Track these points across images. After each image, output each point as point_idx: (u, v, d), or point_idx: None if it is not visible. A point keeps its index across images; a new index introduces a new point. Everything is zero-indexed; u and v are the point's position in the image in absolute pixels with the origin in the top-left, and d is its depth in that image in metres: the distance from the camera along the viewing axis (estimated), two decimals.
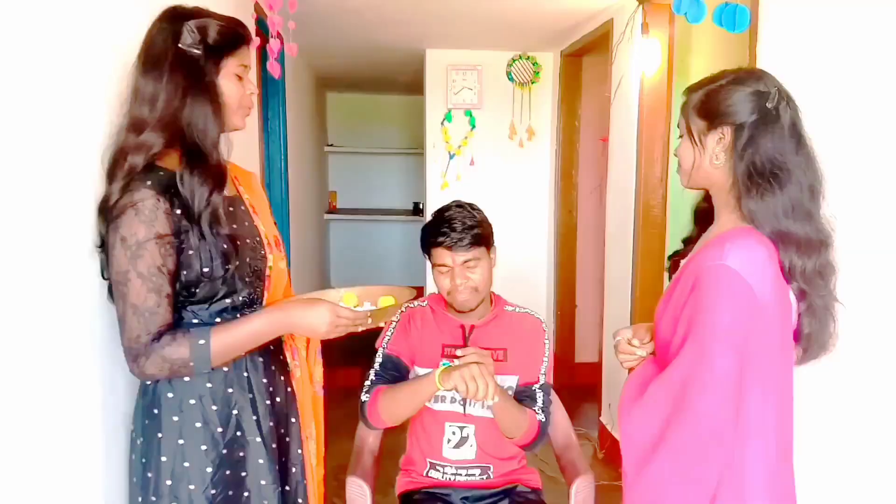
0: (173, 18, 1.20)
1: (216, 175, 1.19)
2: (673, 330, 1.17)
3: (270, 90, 3.54)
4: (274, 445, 1.29)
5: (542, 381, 1.73)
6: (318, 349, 1.47)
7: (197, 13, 1.21)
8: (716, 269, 1.09)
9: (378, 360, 1.73)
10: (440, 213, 1.67)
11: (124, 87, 1.22)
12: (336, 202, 6.10)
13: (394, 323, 1.76)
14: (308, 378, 1.44)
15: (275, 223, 1.41)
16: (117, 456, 1.30)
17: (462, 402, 1.71)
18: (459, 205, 1.68)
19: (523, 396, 1.70)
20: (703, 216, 1.35)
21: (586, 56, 3.89)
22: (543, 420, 1.69)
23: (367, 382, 1.70)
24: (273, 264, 1.32)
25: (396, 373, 1.71)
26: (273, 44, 2.21)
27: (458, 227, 1.60)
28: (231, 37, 1.22)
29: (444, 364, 1.50)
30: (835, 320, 1.19)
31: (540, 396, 1.71)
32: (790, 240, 1.12)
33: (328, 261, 6.12)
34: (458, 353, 1.51)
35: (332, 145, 5.96)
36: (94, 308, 1.22)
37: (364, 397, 1.67)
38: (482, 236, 1.63)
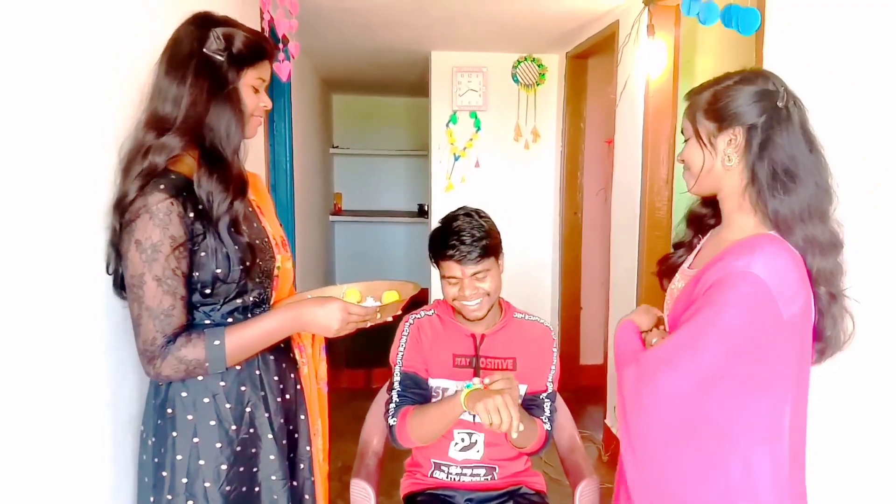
0: (202, 23, 1.22)
1: (238, 183, 1.21)
2: None
3: (276, 92, 3.55)
4: (284, 442, 1.31)
5: (549, 390, 1.73)
6: (322, 346, 1.49)
7: (226, 22, 1.24)
8: (742, 275, 1.07)
9: (396, 378, 1.68)
10: (448, 224, 1.62)
11: (145, 84, 1.24)
12: (341, 204, 6.11)
13: (404, 337, 1.72)
14: (314, 375, 1.45)
15: (280, 224, 1.43)
16: (125, 455, 1.31)
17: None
18: (467, 213, 1.63)
19: (531, 405, 1.70)
20: (698, 220, 1.34)
21: (592, 58, 3.89)
22: (549, 429, 1.69)
23: (392, 405, 1.65)
24: (281, 264, 1.34)
25: (417, 388, 1.67)
26: (292, 47, 2.23)
27: (468, 240, 1.56)
28: (254, 50, 1.25)
29: (468, 386, 1.47)
30: (852, 319, 1.18)
31: (547, 405, 1.71)
32: (815, 243, 1.12)
33: (333, 262, 6.13)
34: (486, 380, 1.46)
35: (337, 147, 5.97)
36: (101, 309, 1.22)
37: (392, 421, 1.62)
38: (491, 247, 1.60)
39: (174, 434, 1.21)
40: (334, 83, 5.49)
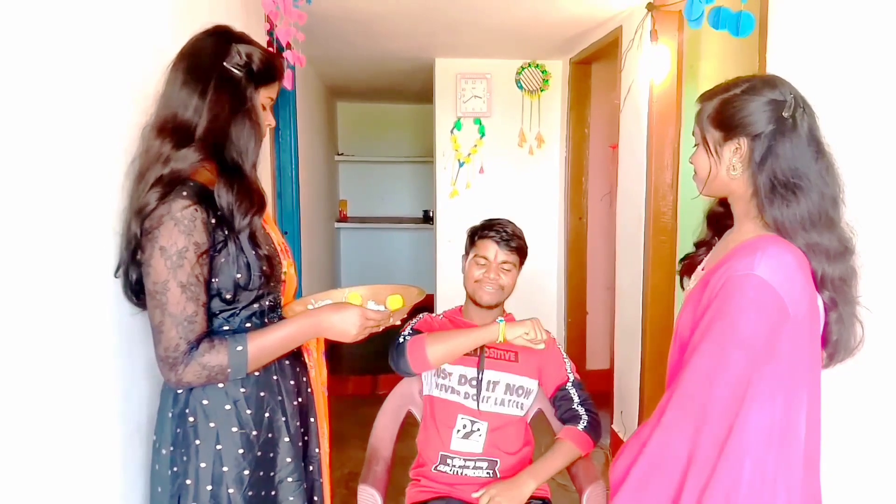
0: (223, 37, 1.25)
1: (258, 198, 1.23)
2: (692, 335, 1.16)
3: (281, 100, 3.57)
4: (300, 444, 1.33)
5: (572, 379, 1.86)
6: (322, 351, 1.50)
7: (244, 38, 1.27)
8: (746, 278, 1.07)
9: (407, 331, 1.83)
10: (493, 219, 1.88)
11: (151, 85, 1.25)
12: (346, 211, 6.13)
13: (415, 321, 1.89)
14: (319, 379, 1.47)
15: (283, 232, 1.44)
16: (135, 464, 1.31)
17: (475, 398, 1.79)
18: (509, 221, 1.88)
19: (561, 400, 1.82)
20: (716, 220, 1.34)
21: (595, 63, 3.89)
22: (588, 421, 1.78)
23: (405, 333, 1.81)
24: (287, 269, 1.36)
25: None
26: (291, 55, 2.24)
27: (509, 231, 1.83)
28: (270, 69, 1.27)
29: (500, 321, 1.69)
30: (861, 325, 1.18)
31: (575, 393, 1.83)
32: (819, 249, 1.11)
33: (339, 269, 6.14)
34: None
35: (342, 154, 6.00)
36: (110, 315, 1.23)
37: (403, 338, 1.78)
38: (522, 248, 1.85)
39: (197, 442, 1.21)
40: (339, 91, 5.51)
